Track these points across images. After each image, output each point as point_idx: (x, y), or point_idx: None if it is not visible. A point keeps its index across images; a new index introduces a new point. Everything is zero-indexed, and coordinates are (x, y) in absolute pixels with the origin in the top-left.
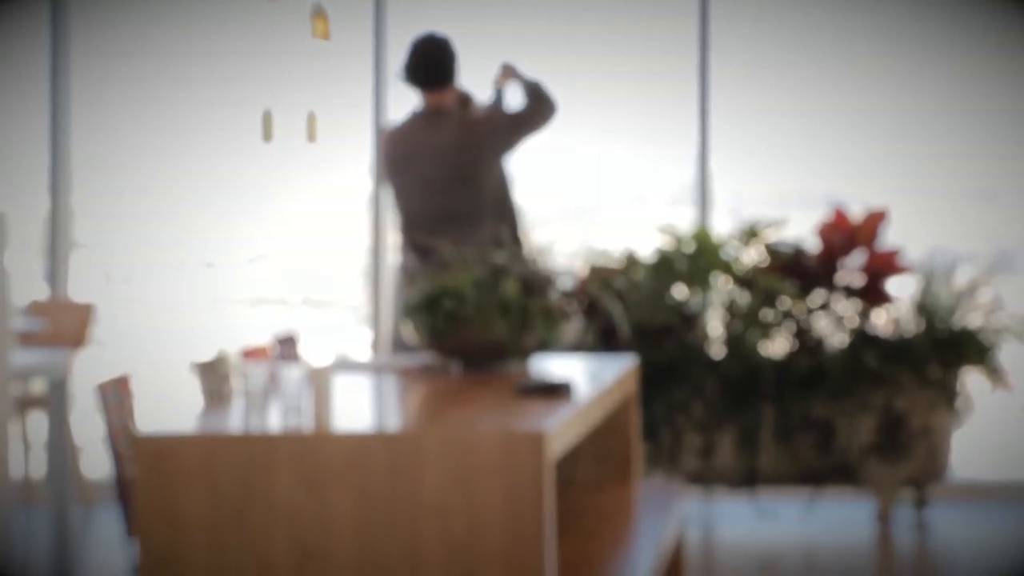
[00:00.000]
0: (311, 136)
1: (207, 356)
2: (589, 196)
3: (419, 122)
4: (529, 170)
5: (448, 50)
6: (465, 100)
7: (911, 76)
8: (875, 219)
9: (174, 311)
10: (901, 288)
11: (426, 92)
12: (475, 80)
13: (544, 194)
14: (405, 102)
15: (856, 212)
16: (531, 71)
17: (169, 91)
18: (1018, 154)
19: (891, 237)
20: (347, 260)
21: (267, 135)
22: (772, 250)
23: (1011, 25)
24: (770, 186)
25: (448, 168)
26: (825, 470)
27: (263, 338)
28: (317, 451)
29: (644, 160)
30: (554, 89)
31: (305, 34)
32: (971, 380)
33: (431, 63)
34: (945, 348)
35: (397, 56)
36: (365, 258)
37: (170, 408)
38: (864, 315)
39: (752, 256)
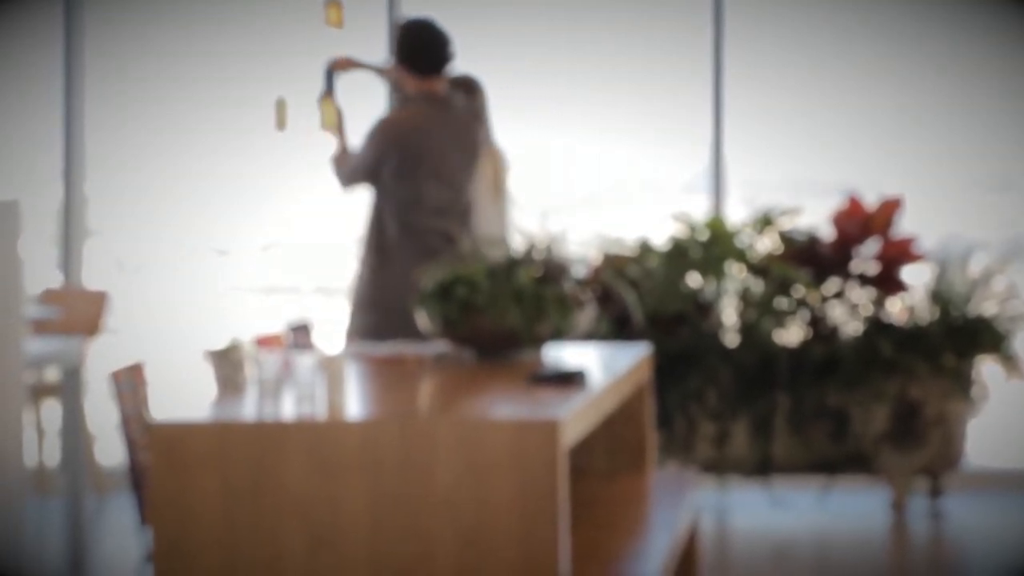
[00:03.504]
0: (324, 123)
1: (221, 344)
2: (603, 185)
3: (426, 109)
4: (542, 162)
5: (447, 35)
6: (470, 85)
7: (926, 65)
8: (890, 207)
9: (188, 299)
10: (916, 276)
11: (426, 79)
12: (482, 73)
13: (559, 184)
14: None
15: (871, 200)
16: (541, 64)
17: (183, 81)
18: None
19: (906, 225)
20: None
21: (281, 122)
22: (786, 238)
23: None
24: (784, 174)
25: (469, 155)
26: (839, 459)
27: (276, 326)
28: (330, 439)
29: (658, 149)
30: (569, 79)
31: (318, 23)
32: (986, 368)
33: (441, 50)
34: (960, 336)
35: None
36: None
37: (184, 396)
38: (878, 303)
39: (766, 244)
